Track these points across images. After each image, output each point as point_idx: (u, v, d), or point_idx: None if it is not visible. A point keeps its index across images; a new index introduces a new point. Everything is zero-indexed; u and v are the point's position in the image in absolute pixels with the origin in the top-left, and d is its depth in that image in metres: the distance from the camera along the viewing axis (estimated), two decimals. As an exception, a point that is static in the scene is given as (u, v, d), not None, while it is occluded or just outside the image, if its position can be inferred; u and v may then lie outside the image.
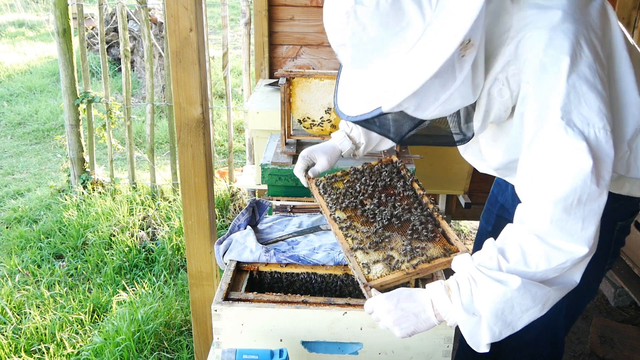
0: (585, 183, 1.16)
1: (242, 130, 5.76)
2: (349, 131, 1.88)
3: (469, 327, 1.24)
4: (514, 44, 1.28)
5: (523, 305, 1.21)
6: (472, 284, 1.24)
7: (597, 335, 2.90)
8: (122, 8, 4.06)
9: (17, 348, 2.71)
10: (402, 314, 1.30)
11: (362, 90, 1.33)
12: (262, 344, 1.48)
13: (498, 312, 1.21)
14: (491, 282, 1.21)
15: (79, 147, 4.21)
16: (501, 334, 1.24)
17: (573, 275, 1.27)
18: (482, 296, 1.22)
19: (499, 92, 1.34)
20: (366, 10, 1.16)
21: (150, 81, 4.16)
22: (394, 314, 1.30)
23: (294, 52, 3.83)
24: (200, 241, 2.01)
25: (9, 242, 3.76)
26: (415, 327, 1.30)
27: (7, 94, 7.06)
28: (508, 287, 1.20)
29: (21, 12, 10.85)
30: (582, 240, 1.20)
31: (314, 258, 1.70)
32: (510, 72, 1.31)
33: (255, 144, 3.07)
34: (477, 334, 1.25)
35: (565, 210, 1.19)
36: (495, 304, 1.21)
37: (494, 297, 1.20)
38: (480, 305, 1.22)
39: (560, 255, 1.21)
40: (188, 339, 2.78)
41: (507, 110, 1.37)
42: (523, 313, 1.22)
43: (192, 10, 1.72)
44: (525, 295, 1.20)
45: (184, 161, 1.91)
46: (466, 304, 1.23)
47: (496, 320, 1.22)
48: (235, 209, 4.12)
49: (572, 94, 1.19)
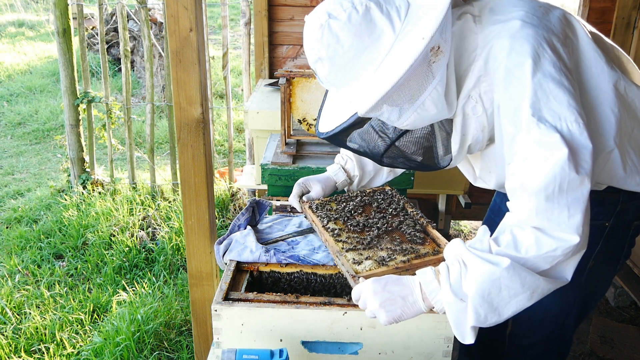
0: (563, 170, 1.17)
1: (242, 130, 5.76)
2: (343, 164, 1.93)
3: (455, 311, 1.24)
4: (483, 59, 1.33)
5: (511, 289, 1.20)
6: (462, 267, 1.24)
7: (597, 335, 2.90)
8: (122, 8, 4.06)
9: (17, 348, 2.71)
10: (389, 297, 1.29)
11: (339, 105, 1.39)
12: (262, 344, 1.48)
13: (485, 293, 1.20)
14: (480, 261, 1.21)
15: (79, 147, 4.21)
16: (487, 318, 1.22)
17: (565, 271, 1.26)
18: (470, 277, 1.21)
19: (473, 109, 1.37)
20: (339, 23, 1.25)
21: (150, 81, 4.16)
22: (381, 296, 1.29)
23: (294, 52, 3.83)
24: (200, 241, 2.01)
25: (9, 242, 3.76)
26: (402, 311, 1.29)
27: (7, 94, 7.06)
28: (497, 267, 1.19)
29: (21, 12, 10.85)
30: (571, 229, 1.20)
31: (314, 258, 1.70)
32: (483, 88, 1.35)
33: (255, 144, 3.07)
34: (463, 319, 1.24)
35: (547, 199, 1.19)
36: (482, 283, 1.19)
37: (482, 276, 1.20)
38: (468, 286, 1.22)
39: (550, 242, 1.20)
40: (188, 339, 2.78)
41: (483, 130, 1.40)
42: (511, 298, 1.21)
43: (192, 10, 1.72)
44: (514, 277, 1.19)
45: (184, 161, 1.91)
46: (454, 285, 1.23)
47: (482, 301, 1.20)
48: (235, 209, 4.12)
49: (539, 91, 1.22)
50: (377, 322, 1.44)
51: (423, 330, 1.45)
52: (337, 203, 1.84)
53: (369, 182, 1.96)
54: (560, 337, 1.80)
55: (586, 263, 1.63)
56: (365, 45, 1.26)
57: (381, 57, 1.26)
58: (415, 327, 1.45)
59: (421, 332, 1.45)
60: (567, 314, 1.73)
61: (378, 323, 1.45)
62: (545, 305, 1.72)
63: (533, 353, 1.84)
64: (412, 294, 1.29)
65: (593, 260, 1.62)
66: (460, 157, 1.48)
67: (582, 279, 1.65)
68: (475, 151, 1.49)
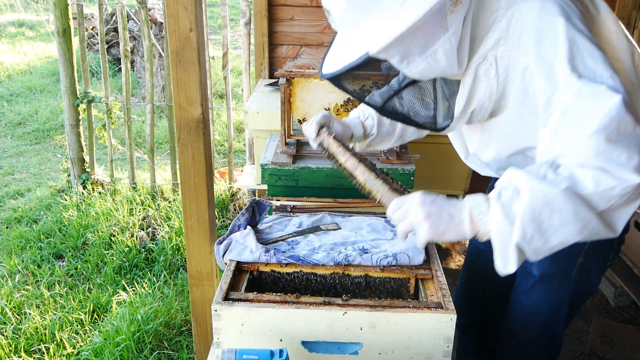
0: (619, 113, 1.13)
1: (242, 130, 5.76)
2: (363, 119, 1.87)
3: (502, 231, 1.18)
4: (506, 21, 1.29)
5: (563, 215, 1.14)
6: (514, 191, 1.18)
7: (597, 335, 2.90)
8: (122, 8, 4.06)
9: (17, 348, 2.71)
10: (437, 211, 1.25)
11: (347, 45, 1.33)
12: (262, 344, 1.48)
13: (535, 213, 1.14)
14: (536, 182, 1.15)
15: (79, 147, 4.21)
16: (532, 239, 1.17)
17: (617, 220, 1.20)
18: (522, 197, 1.15)
19: (485, 72, 1.34)
20: None
21: (150, 81, 4.16)
22: (429, 208, 1.26)
23: (294, 52, 3.84)
24: (200, 241, 2.01)
25: (9, 242, 3.76)
26: (445, 229, 1.25)
27: (7, 94, 7.06)
28: (554, 187, 1.13)
29: (21, 12, 10.85)
30: (631, 169, 1.14)
31: (314, 258, 1.70)
32: (500, 52, 1.32)
33: (255, 144, 3.07)
34: (508, 239, 1.18)
35: (608, 140, 1.14)
36: (535, 202, 1.14)
37: (536, 194, 1.14)
38: (519, 206, 1.16)
39: (609, 180, 1.14)
40: (188, 339, 2.78)
41: (490, 96, 1.37)
42: (561, 226, 1.15)
43: (192, 10, 1.72)
44: (569, 203, 1.13)
45: (184, 161, 1.91)
46: (505, 205, 1.17)
47: (531, 220, 1.15)
48: (235, 209, 4.12)
49: (575, 48, 1.20)
50: (377, 322, 1.45)
51: (423, 330, 1.45)
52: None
53: (378, 143, 1.92)
54: (552, 334, 1.81)
55: (576, 258, 1.65)
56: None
57: (401, 1, 1.21)
58: (415, 327, 1.45)
59: (421, 332, 1.45)
60: (558, 310, 1.74)
61: (378, 323, 1.45)
62: (536, 300, 1.74)
63: (527, 350, 1.85)
64: (460, 213, 1.24)
65: (583, 255, 1.64)
66: (461, 122, 1.44)
67: (572, 275, 1.67)
68: (476, 121, 1.45)
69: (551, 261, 1.66)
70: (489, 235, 1.22)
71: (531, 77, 1.28)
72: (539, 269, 1.70)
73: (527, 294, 1.77)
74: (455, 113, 1.42)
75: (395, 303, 1.48)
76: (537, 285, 1.73)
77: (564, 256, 1.58)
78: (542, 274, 1.71)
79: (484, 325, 2.10)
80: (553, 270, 1.68)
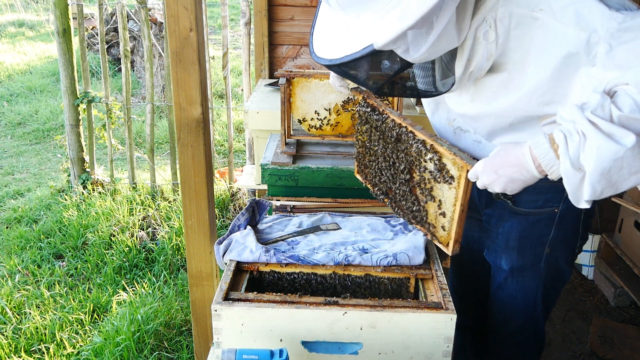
0: None
1: (242, 130, 5.76)
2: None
3: (573, 181, 1.20)
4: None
5: (633, 167, 1.14)
6: (581, 138, 1.16)
7: (597, 335, 2.90)
8: (122, 8, 4.06)
9: (17, 348, 2.71)
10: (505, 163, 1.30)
11: (348, 32, 1.29)
12: (262, 344, 1.48)
13: (605, 171, 1.14)
14: (603, 137, 1.13)
15: (79, 147, 4.21)
16: (603, 192, 1.19)
17: None
18: (590, 151, 1.15)
19: (484, 35, 1.32)
20: None
21: (150, 81, 4.16)
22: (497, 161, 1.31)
23: (294, 52, 3.84)
24: (200, 241, 2.01)
25: (9, 242, 3.76)
26: (516, 178, 1.30)
27: (7, 94, 7.06)
28: (621, 145, 1.11)
29: (21, 12, 10.85)
30: None
31: (314, 258, 1.70)
32: (499, 13, 1.29)
33: (255, 144, 3.07)
34: (580, 190, 1.20)
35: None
36: (603, 162, 1.13)
37: (604, 154, 1.13)
38: (587, 160, 1.16)
39: None
40: (188, 339, 2.78)
41: (489, 59, 1.35)
42: (631, 175, 1.15)
43: (192, 10, 1.72)
44: (638, 155, 1.12)
45: (184, 161, 1.91)
46: (573, 158, 1.17)
47: (600, 178, 1.15)
48: (235, 209, 4.12)
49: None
50: (377, 322, 1.45)
51: (423, 330, 1.45)
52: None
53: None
54: (533, 325, 1.83)
55: (542, 249, 1.67)
56: None
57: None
58: (416, 327, 1.45)
59: (421, 332, 1.45)
60: (534, 301, 1.77)
61: (378, 323, 1.45)
62: (509, 293, 1.77)
63: (513, 341, 1.88)
64: (527, 169, 1.28)
65: (549, 246, 1.66)
66: (462, 84, 1.43)
67: (541, 265, 1.70)
68: (472, 81, 1.44)
69: (518, 254, 1.69)
70: (559, 177, 1.25)
71: (548, 30, 1.25)
72: (508, 262, 1.73)
73: (502, 288, 1.80)
74: (457, 75, 1.40)
75: (395, 303, 1.48)
76: (509, 279, 1.76)
77: (530, 248, 1.60)
78: (511, 268, 1.73)
79: (477, 322, 2.11)
80: (521, 263, 1.71)
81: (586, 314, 3.10)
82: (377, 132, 1.73)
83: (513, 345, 1.89)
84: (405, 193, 1.67)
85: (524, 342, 1.87)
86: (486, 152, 1.58)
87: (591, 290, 3.33)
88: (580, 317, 3.07)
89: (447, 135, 1.70)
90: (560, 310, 3.12)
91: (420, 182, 1.60)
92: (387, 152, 1.70)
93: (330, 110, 2.23)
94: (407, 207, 1.69)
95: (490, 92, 1.43)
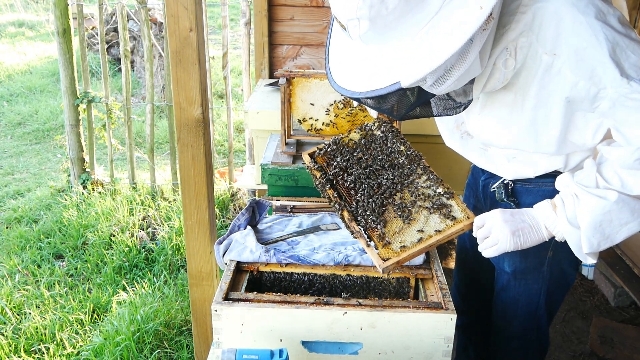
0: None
1: (242, 130, 5.75)
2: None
3: (574, 239, 1.38)
4: (530, 14, 1.29)
5: (622, 219, 1.32)
6: (575, 199, 1.36)
7: (597, 335, 2.90)
8: (122, 8, 4.06)
9: (17, 348, 2.71)
10: (521, 225, 1.44)
11: (371, 65, 1.28)
12: (262, 344, 1.48)
13: (597, 225, 1.33)
14: (591, 196, 1.33)
15: (79, 147, 4.21)
16: (599, 245, 1.36)
17: None
18: (582, 209, 1.34)
19: (504, 63, 1.35)
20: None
21: (150, 81, 4.16)
22: (512, 224, 1.44)
23: (294, 52, 3.83)
24: (200, 241, 2.01)
25: (9, 242, 3.76)
26: (528, 239, 1.45)
27: (7, 94, 7.06)
28: (607, 200, 1.31)
29: (21, 12, 10.85)
30: None
31: (314, 258, 1.70)
32: (520, 43, 1.32)
33: (255, 144, 3.07)
34: (580, 246, 1.38)
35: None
36: (595, 216, 1.33)
37: (594, 210, 1.32)
38: (581, 218, 1.35)
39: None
40: (188, 339, 2.78)
41: (504, 82, 1.39)
42: (622, 226, 1.34)
43: (192, 10, 1.72)
44: (624, 208, 1.31)
45: (184, 161, 1.91)
46: (570, 217, 1.37)
47: (594, 232, 1.34)
48: (235, 209, 4.12)
49: (617, 49, 1.24)
50: (377, 322, 1.45)
51: (423, 330, 1.45)
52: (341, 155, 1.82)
53: None
54: (536, 328, 1.83)
55: (545, 253, 1.67)
56: (411, 6, 1.15)
57: (427, 19, 1.16)
58: (416, 327, 1.45)
59: (421, 332, 1.45)
60: (537, 304, 1.78)
61: (378, 323, 1.45)
62: (512, 296, 1.78)
63: (515, 345, 1.88)
64: (538, 225, 1.44)
65: (552, 250, 1.66)
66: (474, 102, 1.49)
67: (544, 269, 1.71)
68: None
69: (521, 257, 1.70)
70: (563, 239, 1.42)
71: (559, 75, 1.30)
72: (511, 265, 1.73)
73: (505, 291, 1.81)
74: (474, 96, 1.43)
75: (395, 303, 1.48)
76: (512, 281, 1.77)
77: (533, 251, 1.61)
78: (514, 270, 1.73)
79: (479, 323, 2.11)
80: (524, 266, 1.71)
81: (586, 314, 3.10)
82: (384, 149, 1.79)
83: (515, 347, 1.88)
84: (375, 205, 1.63)
85: (525, 345, 1.86)
86: (491, 159, 1.60)
87: (591, 290, 3.33)
88: (580, 317, 3.07)
89: (454, 139, 1.71)
90: (560, 310, 3.12)
91: (403, 204, 1.62)
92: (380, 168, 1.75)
93: (330, 110, 2.23)
94: (366, 214, 1.62)
95: (495, 108, 1.48)
